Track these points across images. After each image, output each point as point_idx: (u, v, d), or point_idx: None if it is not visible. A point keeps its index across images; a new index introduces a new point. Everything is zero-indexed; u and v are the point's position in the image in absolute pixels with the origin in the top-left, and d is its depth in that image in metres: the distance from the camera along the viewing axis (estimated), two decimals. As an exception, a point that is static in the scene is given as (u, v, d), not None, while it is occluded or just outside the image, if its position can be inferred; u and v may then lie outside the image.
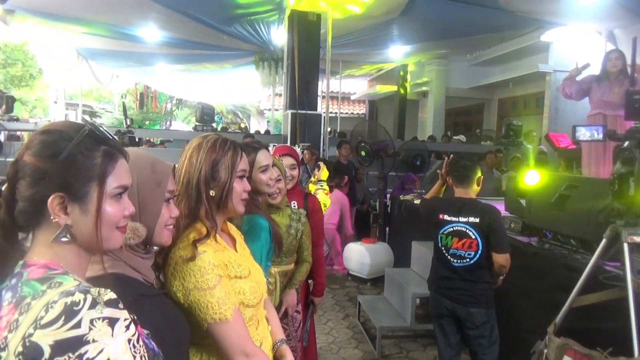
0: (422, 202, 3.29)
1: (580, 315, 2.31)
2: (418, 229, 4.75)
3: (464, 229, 2.77)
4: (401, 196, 5.68)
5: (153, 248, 1.18)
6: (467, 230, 2.75)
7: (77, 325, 0.72)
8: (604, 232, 2.20)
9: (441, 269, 2.88)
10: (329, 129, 8.12)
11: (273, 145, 2.68)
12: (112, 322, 0.75)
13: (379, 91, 14.62)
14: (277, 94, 13.77)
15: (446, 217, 2.83)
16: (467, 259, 2.74)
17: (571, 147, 4.01)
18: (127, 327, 0.77)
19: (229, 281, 1.33)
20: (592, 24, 7.28)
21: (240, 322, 1.31)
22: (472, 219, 2.75)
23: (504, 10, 6.82)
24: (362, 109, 19.00)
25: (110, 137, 0.90)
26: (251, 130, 16.35)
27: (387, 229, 6.23)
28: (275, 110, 14.51)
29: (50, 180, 0.82)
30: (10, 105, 6.12)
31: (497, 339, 2.78)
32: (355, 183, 7.10)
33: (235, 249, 1.49)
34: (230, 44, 9.19)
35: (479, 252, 2.72)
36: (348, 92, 17.30)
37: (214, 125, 9.37)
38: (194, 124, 8.04)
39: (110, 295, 0.78)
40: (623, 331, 1.97)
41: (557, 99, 9.50)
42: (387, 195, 6.28)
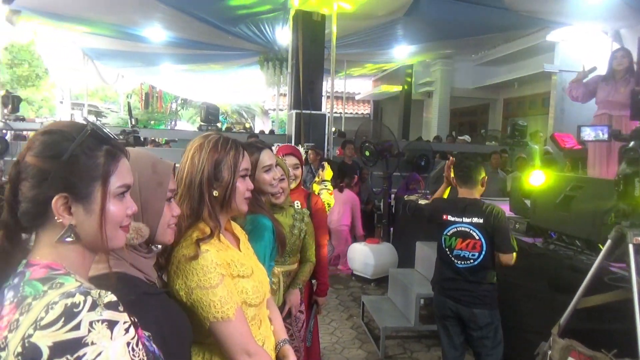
0: (426, 205, 3.28)
1: (585, 316, 2.30)
2: (422, 229, 4.75)
3: (467, 230, 2.75)
4: (405, 196, 5.67)
5: (155, 248, 1.18)
6: (471, 231, 2.74)
7: (77, 327, 0.71)
8: (609, 233, 2.19)
9: (445, 270, 2.86)
10: (333, 129, 8.11)
11: (277, 145, 2.68)
12: (111, 324, 0.75)
13: (383, 91, 14.59)
14: (281, 94, 13.76)
15: (450, 218, 2.82)
16: (471, 260, 2.73)
17: (577, 147, 3.98)
18: (126, 330, 0.77)
19: (231, 280, 1.33)
20: (598, 24, 7.24)
21: (243, 321, 1.31)
22: (476, 220, 2.74)
23: (509, 10, 6.78)
24: (366, 109, 18.99)
25: (112, 137, 0.90)
26: (256, 130, 16.38)
27: (391, 229, 6.23)
28: (280, 110, 14.52)
29: (53, 181, 0.81)
30: (16, 105, 6.14)
31: (502, 340, 2.77)
32: (360, 183, 7.10)
33: (238, 248, 1.48)
34: (235, 44, 9.20)
35: (483, 252, 2.71)
36: (352, 92, 17.28)
37: (219, 125, 9.38)
38: (199, 124, 8.06)
39: (111, 297, 0.78)
40: (628, 333, 1.95)
41: (562, 99, 9.46)
42: (392, 196, 6.27)
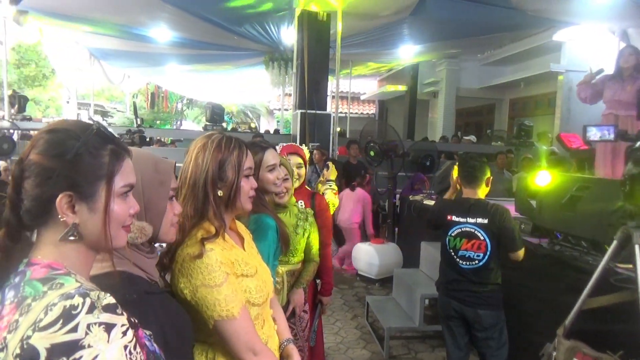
0: (431, 208, 3.24)
1: (591, 317, 2.28)
2: (427, 229, 4.72)
3: (472, 230, 2.74)
4: (410, 196, 5.66)
5: (157, 247, 1.19)
6: (476, 231, 2.73)
7: (74, 329, 0.71)
8: (615, 233, 2.17)
9: (449, 272, 2.85)
10: (338, 129, 8.11)
11: (280, 145, 2.68)
12: (108, 327, 0.74)
13: (388, 91, 14.57)
14: (286, 94, 13.79)
15: (454, 218, 2.80)
16: (476, 261, 2.72)
17: (583, 147, 3.95)
18: (124, 333, 0.76)
19: (235, 279, 1.33)
20: (606, 23, 7.19)
21: (248, 319, 1.31)
22: (481, 220, 2.73)
23: (516, 9, 6.75)
24: (372, 109, 18.97)
25: (116, 136, 0.90)
26: (261, 130, 16.40)
27: (396, 229, 6.21)
28: (285, 110, 14.53)
29: (58, 179, 0.81)
30: (22, 105, 6.18)
31: (506, 341, 2.75)
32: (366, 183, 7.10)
33: (243, 247, 1.48)
34: (241, 44, 9.22)
35: (488, 253, 2.70)
36: (358, 92, 17.27)
37: (224, 125, 9.41)
38: (204, 124, 8.08)
39: (109, 300, 0.77)
40: (634, 334, 1.94)
41: (569, 99, 9.41)
42: (397, 196, 6.26)
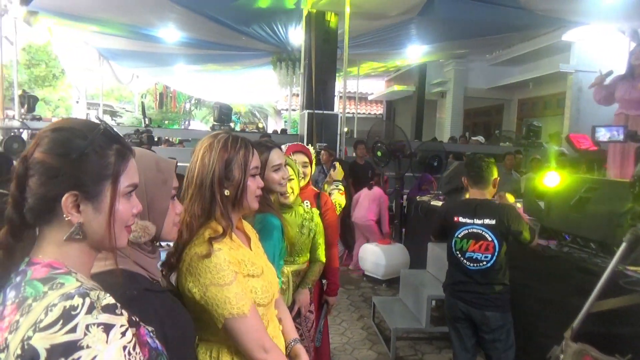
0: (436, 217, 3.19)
1: (599, 320, 2.26)
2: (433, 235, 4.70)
3: (480, 231, 2.72)
4: (418, 197, 5.64)
5: (158, 247, 1.19)
6: (484, 232, 2.71)
7: (73, 330, 0.71)
8: (624, 235, 2.15)
9: (456, 274, 2.82)
10: (345, 129, 8.10)
11: (286, 145, 2.67)
12: (107, 328, 0.74)
13: (396, 91, 14.54)
14: (294, 94, 13.81)
15: (461, 219, 2.78)
16: (484, 262, 2.70)
17: (592, 148, 3.91)
18: (123, 333, 0.76)
19: (242, 278, 1.33)
20: (615, 23, 7.13)
21: (258, 317, 1.31)
22: (488, 221, 2.70)
23: (525, 9, 6.71)
24: (379, 110, 18.93)
25: (121, 136, 0.90)
26: (269, 130, 16.43)
27: (403, 230, 6.19)
28: (293, 110, 14.55)
29: (63, 179, 0.80)
30: (31, 105, 6.23)
31: (514, 343, 2.73)
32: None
33: (249, 247, 1.49)
34: (248, 44, 9.24)
35: (496, 254, 2.68)
36: (365, 93, 17.25)
37: (232, 125, 9.43)
38: (212, 124, 8.11)
39: (109, 300, 0.77)
40: (643, 338, 1.92)
41: (578, 99, 9.34)
42: (404, 196, 6.24)
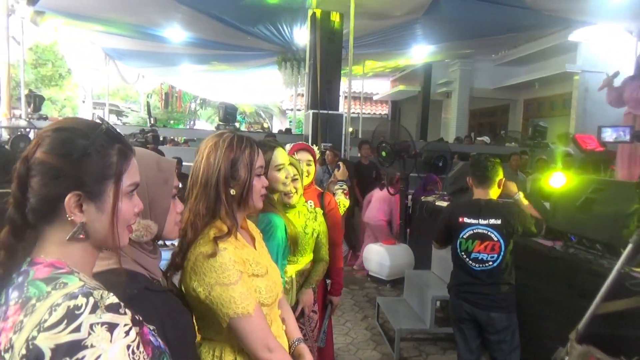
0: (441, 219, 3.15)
1: (605, 322, 2.24)
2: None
3: (485, 232, 2.70)
4: (422, 197, 5.62)
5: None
6: (489, 233, 2.69)
7: (77, 329, 0.71)
8: (630, 236, 2.13)
9: (461, 275, 2.81)
10: (350, 130, 8.09)
11: (290, 145, 2.67)
12: (111, 327, 0.74)
13: (401, 91, 14.50)
14: (299, 94, 13.80)
15: (466, 220, 2.76)
16: (490, 262, 2.68)
17: (599, 149, 3.88)
18: (126, 332, 0.76)
19: (247, 278, 1.33)
20: (623, 23, 7.08)
21: (262, 317, 1.31)
22: (493, 221, 2.69)
23: (531, 9, 6.68)
24: (384, 110, 18.90)
25: (122, 135, 0.90)
26: (274, 130, 16.44)
27: (408, 230, 6.17)
28: (298, 110, 14.54)
29: (65, 179, 0.80)
30: (38, 105, 6.26)
31: (519, 345, 2.71)
32: (378, 184, 7.07)
33: (254, 246, 1.49)
34: (254, 44, 9.26)
35: (502, 254, 2.67)
36: (370, 93, 17.22)
37: (237, 124, 9.45)
38: (217, 123, 8.12)
39: (112, 299, 0.77)
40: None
41: (584, 99, 9.28)
42: (409, 197, 6.22)
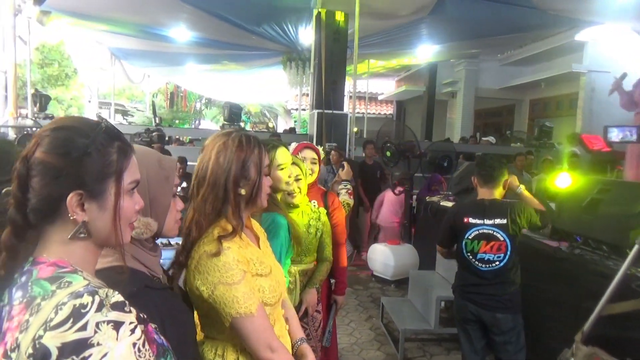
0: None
1: (610, 323, 2.22)
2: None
3: (491, 232, 2.69)
4: (427, 197, 5.60)
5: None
6: (495, 233, 2.68)
7: (83, 327, 0.72)
8: (637, 237, 2.11)
9: (467, 275, 2.79)
10: (355, 129, 8.08)
11: (294, 144, 2.68)
12: (117, 325, 0.74)
13: (406, 91, 14.47)
14: (304, 94, 13.80)
15: (471, 220, 2.74)
16: (497, 262, 2.67)
17: (605, 149, 3.85)
18: (132, 330, 0.76)
19: (251, 277, 1.33)
20: (630, 22, 7.03)
21: (265, 317, 1.31)
22: (499, 221, 2.68)
23: (537, 9, 6.65)
24: (389, 110, 18.87)
25: (122, 133, 0.90)
26: (279, 130, 16.46)
27: (413, 230, 6.16)
28: (303, 110, 14.55)
29: (66, 178, 0.80)
30: (43, 104, 6.28)
31: (524, 345, 2.70)
32: (382, 184, 7.06)
33: (258, 245, 1.49)
34: (259, 44, 9.27)
35: (508, 253, 2.66)
36: (375, 93, 17.20)
37: (242, 124, 9.46)
38: (222, 123, 8.13)
39: (117, 297, 0.78)
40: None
41: (591, 99, 9.23)
42: (413, 197, 6.21)
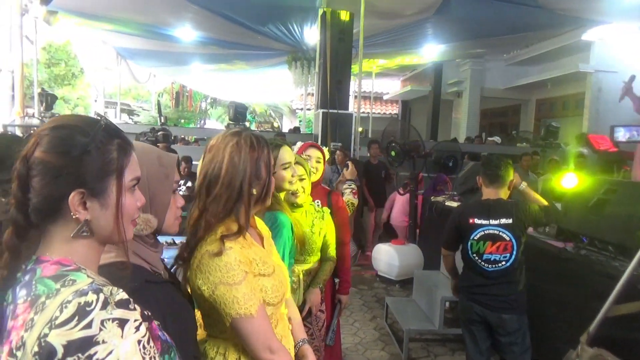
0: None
1: (616, 325, 2.21)
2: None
3: (496, 232, 2.67)
4: (432, 197, 5.58)
5: (161, 243, 1.19)
6: (501, 233, 2.66)
7: (88, 325, 0.72)
8: (643, 238, 2.10)
9: (472, 276, 2.78)
10: (360, 129, 8.08)
11: (299, 143, 2.68)
12: (122, 323, 0.75)
13: (412, 90, 14.44)
14: (309, 94, 13.80)
15: (476, 221, 2.72)
16: (503, 262, 2.66)
17: (612, 149, 3.84)
18: (137, 328, 0.76)
19: (253, 278, 1.33)
20: (637, 22, 6.98)
21: (265, 318, 1.31)
22: (504, 220, 2.66)
23: (543, 8, 6.61)
24: (394, 109, 18.84)
25: (121, 130, 0.90)
26: (284, 129, 16.48)
27: (417, 230, 6.15)
28: (308, 109, 14.55)
29: (67, 177, 0.79)
30: (49, 104, 6.29)
31: (530, 346, 2.68)
32: (387, 184, 7.06)
33: (262, 245, 1.48)
34: (264, 43, 9.28)
35: (514, 253, 2.64)
36: (381, 92, 17.18)
37: (247, 124, 9.48)
38: (227, 122, 8.14)
39: (122, 295, 0.78)
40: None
41: (598, 99, 9.16)
42: (418, 197, 6.19)
